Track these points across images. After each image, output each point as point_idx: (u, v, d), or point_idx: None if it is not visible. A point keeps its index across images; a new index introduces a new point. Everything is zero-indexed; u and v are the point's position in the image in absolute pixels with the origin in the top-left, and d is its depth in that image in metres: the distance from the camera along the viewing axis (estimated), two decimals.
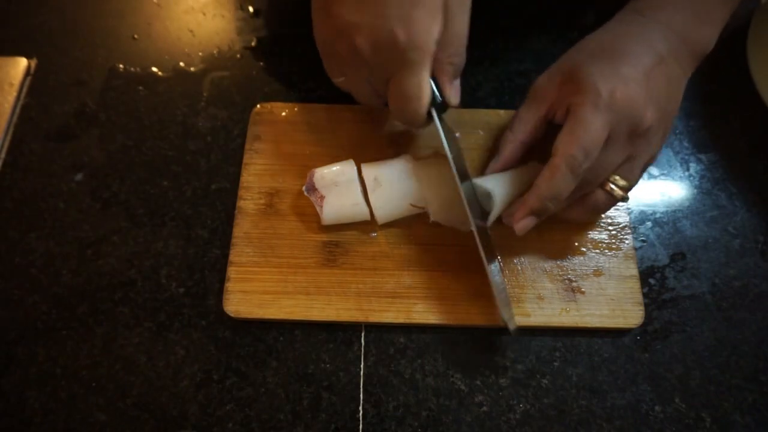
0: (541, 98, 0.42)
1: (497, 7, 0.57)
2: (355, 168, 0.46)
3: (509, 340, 0.44)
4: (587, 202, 0.42)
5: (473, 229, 0.41)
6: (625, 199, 0.42)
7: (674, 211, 0.49)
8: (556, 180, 0.38)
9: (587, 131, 0.38)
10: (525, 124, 0.43)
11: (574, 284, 0.45)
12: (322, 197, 0.45)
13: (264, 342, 0.44)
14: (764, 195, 0.50)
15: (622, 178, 0.41)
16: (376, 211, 0.45)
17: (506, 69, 0.55)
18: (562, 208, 0.42)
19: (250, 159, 0.49)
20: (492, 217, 0.43)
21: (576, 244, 0.47)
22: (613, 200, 0.42)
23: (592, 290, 0.45)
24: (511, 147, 0.43)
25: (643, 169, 0.43)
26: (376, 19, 0.37)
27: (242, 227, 0.46)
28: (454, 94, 0.42)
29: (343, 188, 0.45)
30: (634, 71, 0.39)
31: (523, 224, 0.41)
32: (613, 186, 0.41)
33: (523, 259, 0.46)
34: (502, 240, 0.46)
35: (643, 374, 0.43)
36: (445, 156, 0.42)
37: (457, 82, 0.42)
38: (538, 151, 0.43)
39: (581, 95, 0.38)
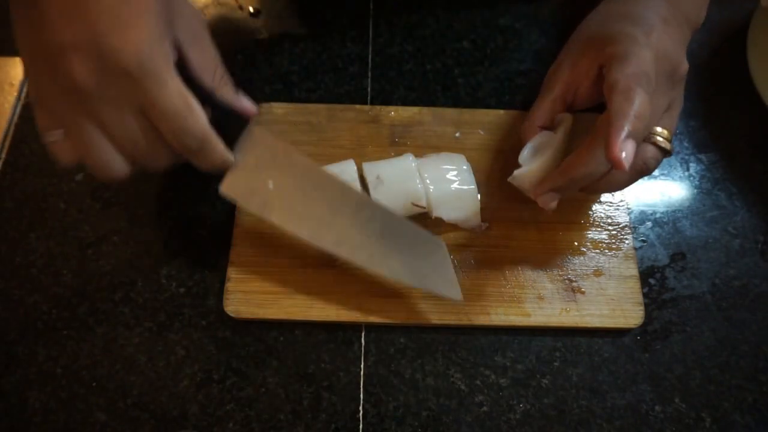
0: (555, 81, 0.43)
1: (497, 6, 0.57)
2: (356, 167, 0.46)
3: (509, 340, 0.44)
4: (636, 162, 0.38)
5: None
6: (671, 151, 0.40)
7: (674, 211, 0.49)
8: (604, 153, 0.35)
9: (638, 99, 0.35)
10: (542, 110, 0.43)
11: (574, 284, 0.45)
12: None
13: (264, 342, 0.44)
14: (764, 195, 0.50)
15: (664, 128, 0.39)
16: None
17: (506, 69, 0.55)
18: (611, 175, 0.39)
19: None
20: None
21: (576, 244, 0.47)
22: (662, 154, 0.40)
23: (592, 290, 0.45)
24: (531, 135, 0.44)
25: (677, 120, 0.42)
26: (89, 35, 0.30)
27: (242, 227, 0.46)
28: (246, 102, 0.38)
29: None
30: (653, 26, 0.39)
31: (543, 199, 0.41)
32: (659, 138, 0.39)
33: (523, 259, 0.46)
34: (502, 240, 0.46)
35: (643, 374, 0.44)
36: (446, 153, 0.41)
37: (240, 93, 0.39)
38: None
39: (614, 45, 0.38)
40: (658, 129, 0.39)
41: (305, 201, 0.41)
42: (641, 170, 0.40)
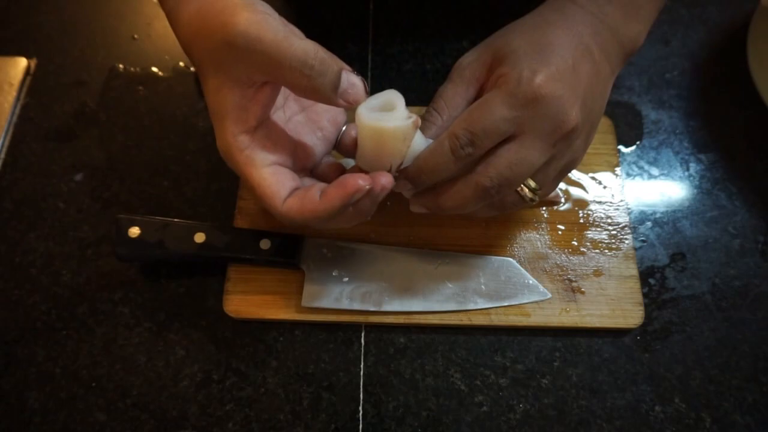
0: (470, 78, 0.37)
1: (497, 7, 0.57)
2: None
3: (509, 340, 0.44)
4: (495, 201, 0.38)
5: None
6: (533, 200, 0.37)
7: (674, 211, 0.49)
8: (435, 156, 0.35)
9: (484, 117, 0.34)
10: (454, 108, 0.37)
11: (574, 284, 0.45)
12: None
13: (264, 342, 0.44)
14: (764, 195, 0.50)
15: (536, 180, 0.37)
16: None
17: None
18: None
19: None
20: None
21: (576, 244, 0.47)
22: (521, 201, 0.38)
23: (592, 290, 0.45)
24: (437, 132, 0.37)
25: (562, 174, 0.39)
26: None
27: (242, 227, 0.46)
28: (350, 97, 0.34)
29: None
30: (563, 63, 0.34)
31: (399, 185, 0.37)
32: (523, 186, 0.37)
33: (522, 259, 0.46)
34: (501, 240, 0.46)
35: (643, 374, 0.43)
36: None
37: (348, 82, 0.34)
38: None
39: (503, 79, 0.34)
40: (528, 179, 0.36)
41: (381, 278, 0.44)
42: (497, 209, 0.39)
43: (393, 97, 0.35)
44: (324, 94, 0.33)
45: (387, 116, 0.34)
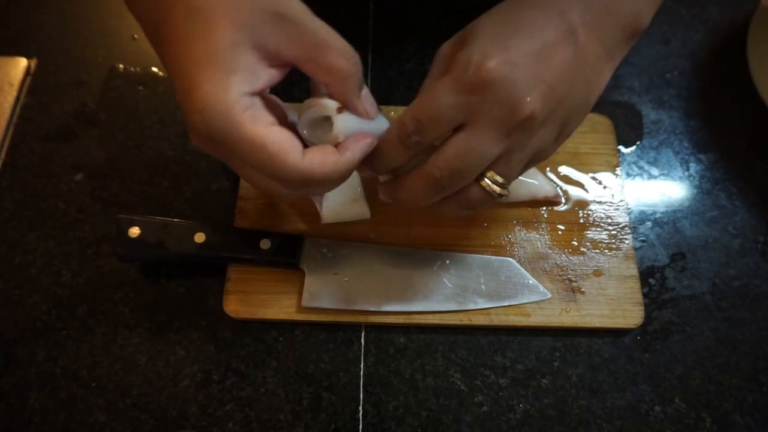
0: (445, 67, 0.35)
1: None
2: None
3: (509, 340, 0.44)
4: (461, 197, 0.35)
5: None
6: (502, 195, 0.35)
7: (674, 211, 0.49)
8: (385, 144, 0.34)
9: (428, 104, 0.32)
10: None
11: (574, 284, 0.45)
12: (322, 195, 0.45)
13: (264, 342, 0.44)
14: (764, 195, 0.50)
15: (498, 173, 0.34)
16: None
17: None
18: (434, 203, 0.36)
19: None
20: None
21: (576, 244, 0.47)
22: (489, 197, 0.35)
23: (592, 290, 0.45)
24: None
25: (527, 165, 0.36)
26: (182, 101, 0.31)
27: (242, 227, 0.46)
28: (367, 106, 0.34)
29: (342, 186, 0.45)
30: (525, 46, 0.31)
31: (362, 169, 0.36)
32: (488, 181, 0.34)
33: (522, 259, 0.46)
34: (501, 240, 0.46)
35: (643, 374, 0.43)
36: None
37: (366, 92, 0.34)
38: None
39: (453, 64, 0.32)
40: (492, 173, 0.34)
41: (381, 278, 0.44)
42: (466, 208, 0.36)
43: (324, 108, 0.34)
44: (351, 89, 0.33)
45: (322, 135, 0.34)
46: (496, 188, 0.34)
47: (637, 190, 0.50)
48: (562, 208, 0.48)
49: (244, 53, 0.30)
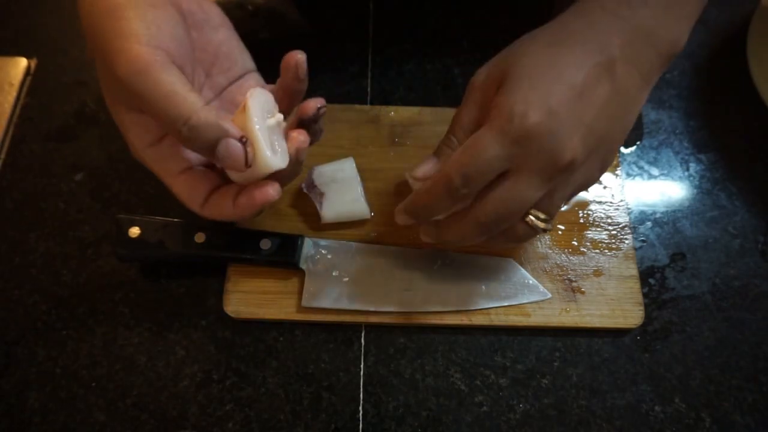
0: (482, 100, 0.36)
1: (497, 6, 0.57)
2: (355, 165, 0.46)
3: (509, 340, 0.44)
4: (507, 234, 0.37)
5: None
6: (547, 229, 0.36)
7: (674, 211, 0.49)
8: (430, 196, 0.35)
9: (476, 158, 0.33)
10: (466, 132, 0.36)
11: (574, 284, 0.45)
12: (321, 194, 0.45)
13: (264, 342, 0.44)
14: (764, 195, 0.50)
15: (541, 211, 0.35)
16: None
17: None
18: (484, 240, 0.37)
19: None
20: None
21: (576, 244, 0.47)
22: (533, 232, 0.37)
23: (592, 290, 0.45)
24: (449, 154, 0.37)
25: (571, 196, 0.38)
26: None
27: (242, 227, 0.46)
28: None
29: (342, 185, 0.45)
30: (567, 91, 0.33)
31: (399, 218, 0.39)
32: (533, 218, 0.36)
33: (522, 259, 0.46)
34: None
35: (643, 374, 0.43)
36: None
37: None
38: None
39: (496, 111, 0.33)
40: (533, 210, 0.35)
41: (381, 278, 0.44)
42: (514, 242, 0.39)
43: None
44: (201, 153, 0.33)
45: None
46: (540, 224, 0.36)
47: (637, 190, 0.50)
48: (562, 208, 0.48)
49: (125, 113, 0.35)
